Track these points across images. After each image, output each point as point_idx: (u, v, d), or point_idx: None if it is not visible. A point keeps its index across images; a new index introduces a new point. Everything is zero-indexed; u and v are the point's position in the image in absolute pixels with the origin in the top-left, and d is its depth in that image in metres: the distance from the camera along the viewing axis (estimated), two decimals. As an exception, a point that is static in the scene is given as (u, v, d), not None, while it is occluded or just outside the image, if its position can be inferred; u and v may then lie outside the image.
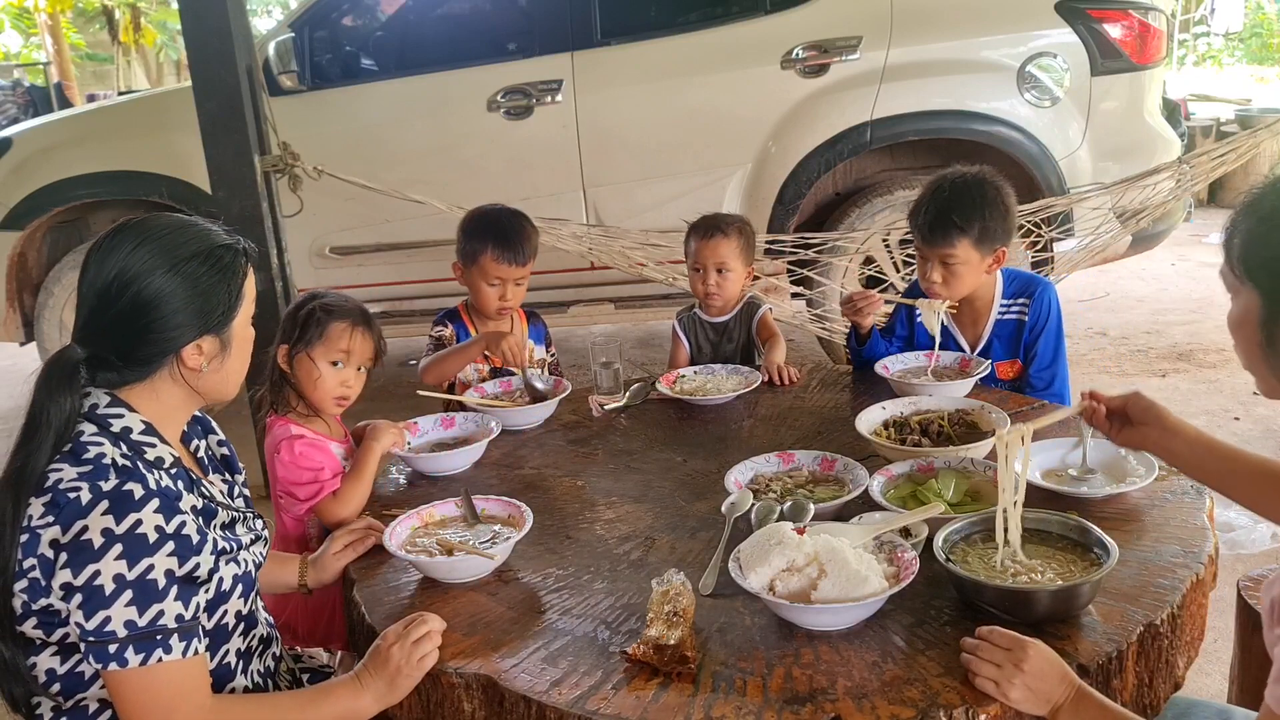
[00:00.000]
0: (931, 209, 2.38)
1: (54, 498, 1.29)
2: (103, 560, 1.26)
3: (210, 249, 1.42)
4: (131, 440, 1.38)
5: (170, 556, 1.30)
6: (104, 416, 1.38)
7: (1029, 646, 1.28)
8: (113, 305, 1.38)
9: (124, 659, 1.27)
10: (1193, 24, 17.04)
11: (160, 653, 1.28)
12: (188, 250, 1.40)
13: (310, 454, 2.02)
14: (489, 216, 2.68)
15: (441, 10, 5.02)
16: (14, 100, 13.73)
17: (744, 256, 2.75)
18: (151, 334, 1.39)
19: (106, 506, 1.27)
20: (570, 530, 1.82)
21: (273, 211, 3.61)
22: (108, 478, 1.30)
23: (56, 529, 1.27)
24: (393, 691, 1.42)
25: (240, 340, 1.49)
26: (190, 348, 1.41)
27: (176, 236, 1.41)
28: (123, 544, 1.27)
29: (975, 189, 2.37)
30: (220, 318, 1.43)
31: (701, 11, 4.76)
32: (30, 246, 4.76)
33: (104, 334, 1.40)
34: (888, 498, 1.75)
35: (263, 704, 1.46)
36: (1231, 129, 7.91)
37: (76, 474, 1.30)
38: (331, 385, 2.05)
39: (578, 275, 4.52)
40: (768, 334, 2.73)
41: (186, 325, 1.40)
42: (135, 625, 1.27)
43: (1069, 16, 4.17)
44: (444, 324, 2.72)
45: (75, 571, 1.26)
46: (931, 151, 4.54)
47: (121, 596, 1.26)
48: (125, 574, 1.26)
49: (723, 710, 1.27)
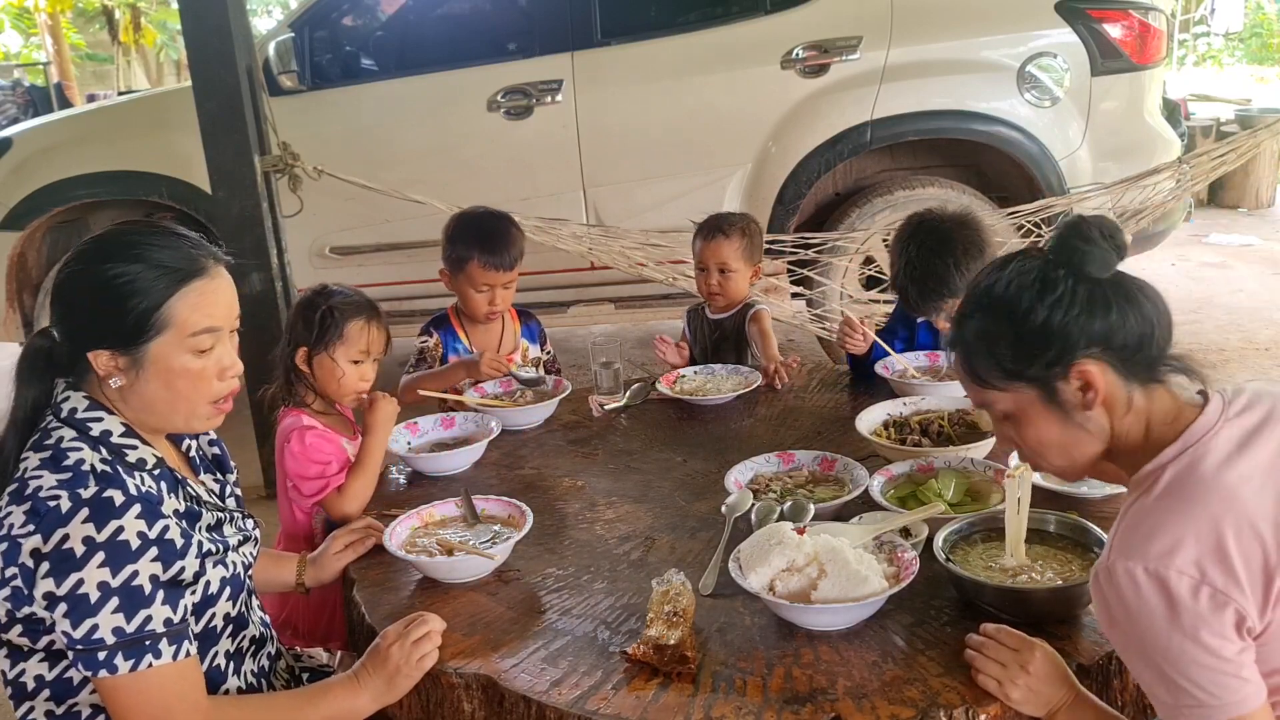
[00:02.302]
0: (911, 289, 2.36)
1: (34, 505, 1.27)
2: (85, 568, 1.24)
3: (134, 263, 1.35)
4: (111, 444, 1.36)
5: (154, 562, 1.29)
6: (83, 421, 1.36)
7: (1036, 648, 1.28)
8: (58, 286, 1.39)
9: (114, 665, 1.26)
10: (1193, 24, 17.04)
11: (150, 658, 1.27)
12: (118, 257, 1.36)
13: (320, 445, 2.03)
14: (474, 222, 2.67)
15: (441, 10, 5.02)
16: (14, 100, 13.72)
17: (746, 256, 2.76)
18: (71, 324, 1.38)
19: (87, 514, 1.26)
20: (570, 530, 1.82)
21: (273, 211, 3.61)
22: (87, 485, 1.28)
23: (37, 538, 1.25)
24: (391, 691, 1.41)
25: (162, 368, 1.37)
26: (101, 355, 1.36)
27: (121, 242, 1.38)
28: (105, 551, 1.25)
29: (944, 250, 2.30)
30: (124, 336, 1.35)
31: (701, 11, 4.76)
32: (30, 246, 4.75)
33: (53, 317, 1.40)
34: (888, 498, 1.75)
35: (259, 704, 1.46)
36: (1231, 129, 7.91)
37: (56, 481, 1.28)
38: (353, 381, 2.10)
39: (578, 275, 4.51)
40: (756, 332, 2.73)
41: (90, 328, 1.36)
42: (124, 632, 1.26)
43: (1069, 16, 4.17)
44: (429, 333, 2.70)
45: (58, 580, 1.24)
46: (931, 151, 4.54)
47: (108, 604, 1.25)
48: (110, 581, 1.25)
49: (723, 710, 1.27)
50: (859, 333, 2.48)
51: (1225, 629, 1.10)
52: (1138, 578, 1.12)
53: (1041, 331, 1.21)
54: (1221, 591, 1.09)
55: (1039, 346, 1.21)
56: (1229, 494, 1.14)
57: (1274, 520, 1.12)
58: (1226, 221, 7.92)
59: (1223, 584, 1.10)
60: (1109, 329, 1.20)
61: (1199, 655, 1.10)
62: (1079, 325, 1.20)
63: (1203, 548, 1.11)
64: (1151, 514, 1.16)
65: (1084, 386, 1.21)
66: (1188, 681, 1.11)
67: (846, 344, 2.51)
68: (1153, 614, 1.11)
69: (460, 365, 2.57)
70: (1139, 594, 1.12)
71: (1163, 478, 1.18)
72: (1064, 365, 1.21)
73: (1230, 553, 1.10)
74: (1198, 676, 1.10)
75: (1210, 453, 1.17)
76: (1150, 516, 1.16)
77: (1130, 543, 1.14)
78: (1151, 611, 1.11)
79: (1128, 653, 1.17)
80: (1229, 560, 1.10)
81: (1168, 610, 1.10)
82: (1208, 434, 1.18)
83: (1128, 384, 1.22)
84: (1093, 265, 1.21)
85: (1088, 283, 1.21)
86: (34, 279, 4.81)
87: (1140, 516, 1.17)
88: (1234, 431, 1.18)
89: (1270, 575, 1.10)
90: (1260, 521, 1.12)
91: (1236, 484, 1.14)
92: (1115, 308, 1.20)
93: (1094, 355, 1.20)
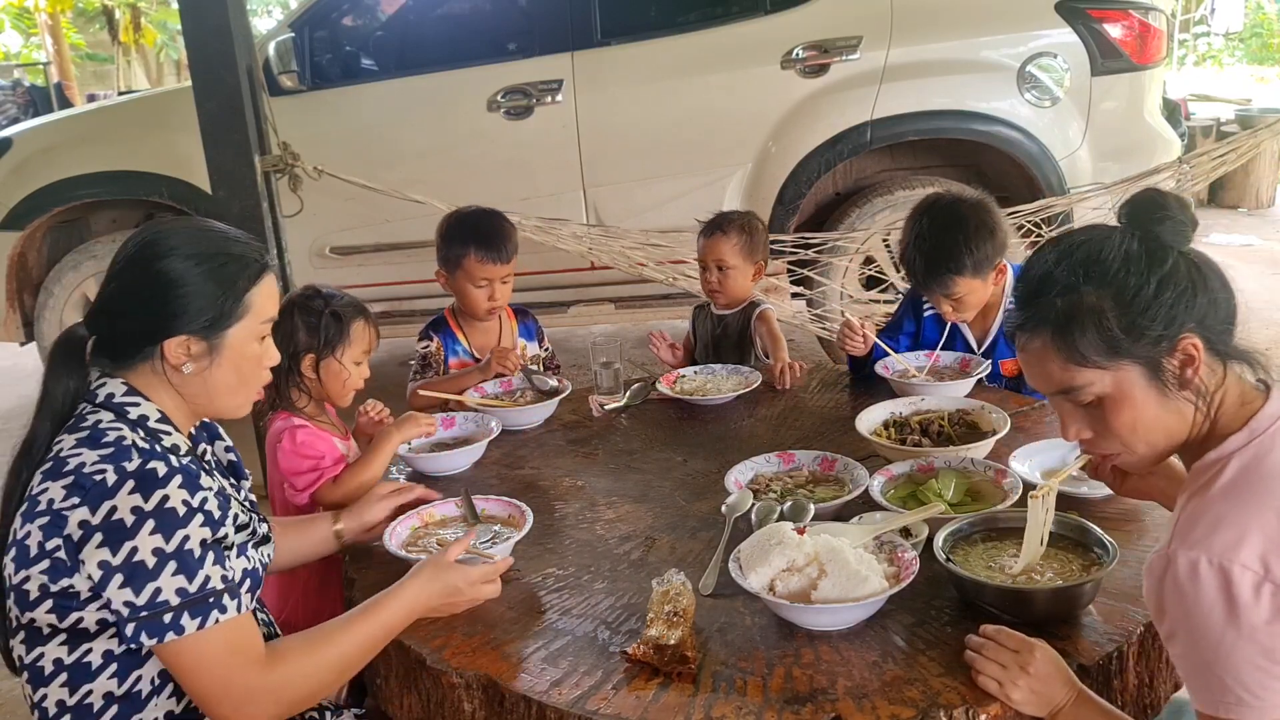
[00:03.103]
0: (919, 262, 2.34)
1: (76, 480, 1.31)
2: (138, 536, 1.28)
3: (218, 253, 1.44)
4: (148, 427, 1.41)
5: (202, 527, 1.33)
6: (121, 404, 1.41)
7: (1036, 649, 1.28)
8: (122, 278, 1.43)
9: (180, 626, 1.29)
10: (1193, 24, 17.04)
11: (216, 613, 1.31)
12: (199, 247, 1.43)
13: (313, 443, 2.05)
14: (466, 219, 2.68)
15: (441, 10, 5.02)
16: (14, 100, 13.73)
17: (746, 254, 2.76)
18: (145, 313, 1.41)
19: (133, 486, 1.30)
20: (570, 530, 1.82)
21: (273, 211, 3.60)
22: (130, 458, 1.32)
23: (84, 510, 1.29)
24: (445, 605, 1.48)
25: (235, 354, 1.46)
26: (175, 342, 1.41)
27: (198, 233, 1.46)
28: (154, 519, 1.29)
29: (955, 227, 2.29)
30: (211, 320, 1.43)
31: (701, 11, 4.76)
32: (30, 246, 4.76)
33: (106, 310, 1.44)
34: (888, 498, 1.75)
35: (312, 637, 1.44)
36: (1231, 129, 7.91)
37: (98, 456, 1.32)
38: (356, 381, 2.12)
39: (578, 275, 4.51)
40: (765, 332, 2.74)
41: (175, 315, 1.41)
42: (187, 592, 1.29)
43: (1069, 16, 4.17)
44: (429, 337, 2.70)
45: (113, 550, 1.28)
46: (932, 151, 4.54)
47: (166, 568, 1.29)
48: (164, 547, 1.29)
49: (723, 710, 1.27)
50: (859, 334, 2.47)
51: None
52: (1200, 569, 1.09)
53: (1153, 305, 1.17)
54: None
55: (1150, 320, 1.17)
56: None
57: None
58: (1226, 221, 7.92)
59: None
60: (1207, 305, 1.18)
61: (1252, 655, 1.08)
62: (1185, 301, 1.17)
63: (1269, 543, 1.08)
64: (1216, 505, 1.13)
65: (1185, 361, 1.18)
66: (1234, 680, 1.09)
67: (846, 346, 2.51)
68: (1210, 608, 1.09)
69: (474, 373, 2.57)
70: (1198, 586, 1.09)
71: (1228, 468, 1.16)
72: (1171, 340, 1.18)
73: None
74: (1247, 676, 1.08)
75: (1277, 446, 1.15)
76: (1214, 507, 1.13)
77: (1192, 533, 1.11)
78: (1210, 605, 1.09)
79: (1175, 642, 1.14)
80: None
81: (1226, 606, 1.08)
82: (1274, 426, 1.16)
83: (1216, 364, 1.19)
84: (1174, 238, 1.20)
85: (1183, 258, 1.19)
86: (34, 279, 4.82)
87: (1204, 507, 1.14)
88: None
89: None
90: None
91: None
92: (1207, 284, 1.19)
93: (1195, 330, 1.18)
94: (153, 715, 1.40)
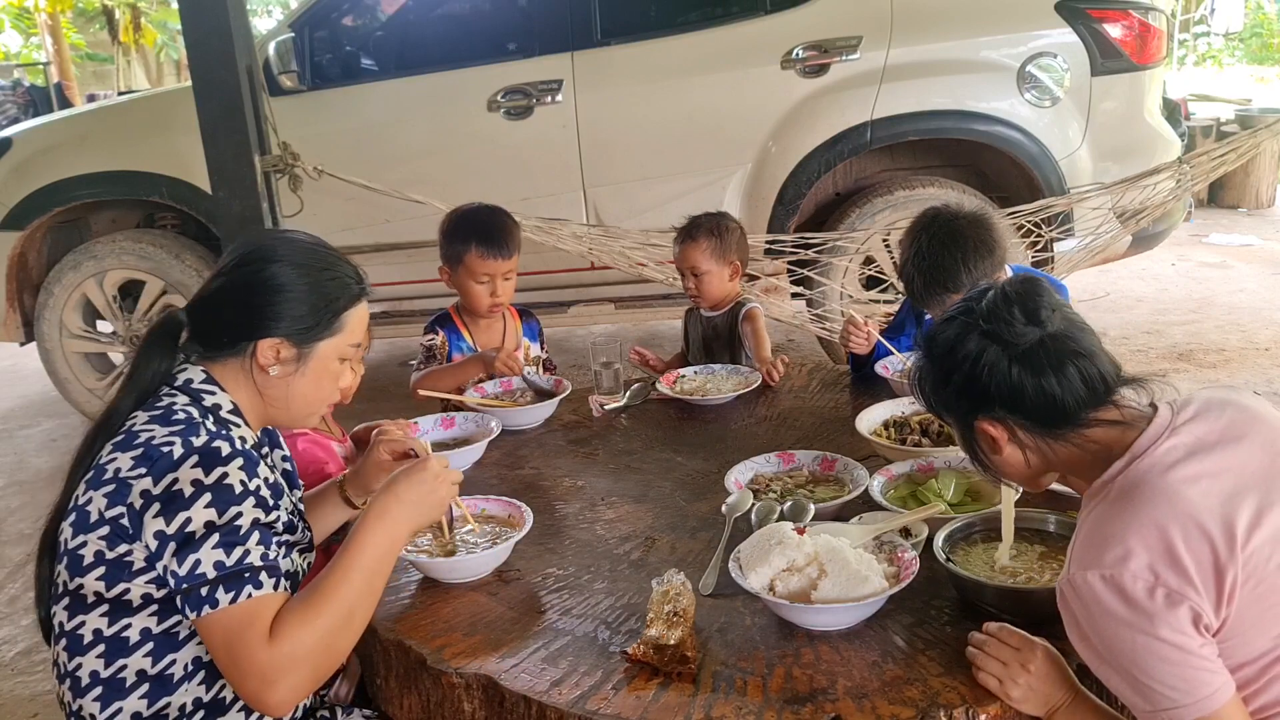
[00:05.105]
0: (917, 280, 2.31)
1: (146, 451, 1.35)
2: (193, 508, 1.31)
3: (324, 269, 1.53)
4: (220, 416, 1.46)
5: (256, 508, 1.36)
6: (197, 391, 1.47)
7: (1037, 648, 1.29)
8: (231, 275, 1.50)
9: (215, 599, 1.30)
10: (1193, 24, 17.05)
11: (250, 588, 1.31)
12: (310, 259, 1.53)
13: (313, 450, 2.04)
14: (468, 216, 2.69)
15: (441, 10, 5.02)
16: (14, 100, 13.74)
17: (717, 256, 2.75)
18: (246, 311, 1.48)
19: (196, 460, 1.34)
20: (570, 530, 1.82)
21: (273, 211, 3.61)
22: (199, 434, 1.38)
23: (148, 480, 1.33)
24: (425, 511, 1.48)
25: (320, 366, 1.52)
26: (269, 343, 1.47)
27: (309, 248, 1.56)
28: (211, 493, 1.33)
29: (954, 245, 2.25)
30: (306, 329, 1.49)
31: (701, 11, 4.76)
32: (30, 246, 4.76)
33: (210, 302, 1.51)
34: (888, 498, 1.75)
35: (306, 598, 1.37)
36: (1231, 129, 7.91)
37: (168, 431, 1.38)
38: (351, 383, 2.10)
39: (578, 275, 4.51)
40: (750, 331, 2.73)
41: (274, 319, 1.47)
42: (224, 565, 1.31)
43: (1069, 16, 4.17)
44: (434, 331, 2.71)
45: (168, 520, 1.31)
46: (932, 151, 4.54)
47: (209, 539, 1.31)
48: (215, 520, 1.32)
49: (723, 710, 1.27)
50: (863, 332, 2.47)
51: (1183, 625, 1.13)
52: (1096, 585, 1.15)
53: (953, 386, 1.33)
54: (1176, 591, 1.12)
55: (951, 398, 1.35)
56: (1173, 495, 1.17)
57: (1221, 518, 1.15)
58: (1226, 221, 7.92)
59: (1176, 584, 1.13)
60: (1013, 393, 1.28)
61: (1163, 651, 1.13)
62: (980, 388, 1.30)
63: (1153, 552, 1.14)
64: (1103, 523, 1.20)
65: (982, 435, 1.33)
66: (1157, 682, 1.14)
67: (850, 343, 2.51)
68: (1114, 618, 1.14)
69: (475, 361, 2.58)
70: (1099, 600, 1.15)
71: (1111, 492, 1.23)
72: (969, 419, 1.34)
73: (1180, 553, 1.13)
74: (1165, 675, 1.13)
75: (1156, 460, 1.21)
76: (1102, 526, 1.19)
77: (1086, 553, 1.19)
78: (1112, 616, 1.14)
79: (1099, 664, 1.19)
80: (1180, 561, 1.13)
81: (1127, 611, 1.14)
82: (1154, 444, 1.22)
83: (1040, 437, 1.30)
84: (1011, 336, 1.29)
85: (1006, 350, 1.28)
86: (34, 279, 4.82)
87: (1094, 530, 1.21)
88: (1183, 439, 1.22)
89: (1221, 572, 1.13)
90: (1207, 520, 1.15)
91: (1180, 485, 1.18)
92: (1027, 375, 1.27)
93: (996, 416, 1.30)
94: (180, 700, 1.40)
